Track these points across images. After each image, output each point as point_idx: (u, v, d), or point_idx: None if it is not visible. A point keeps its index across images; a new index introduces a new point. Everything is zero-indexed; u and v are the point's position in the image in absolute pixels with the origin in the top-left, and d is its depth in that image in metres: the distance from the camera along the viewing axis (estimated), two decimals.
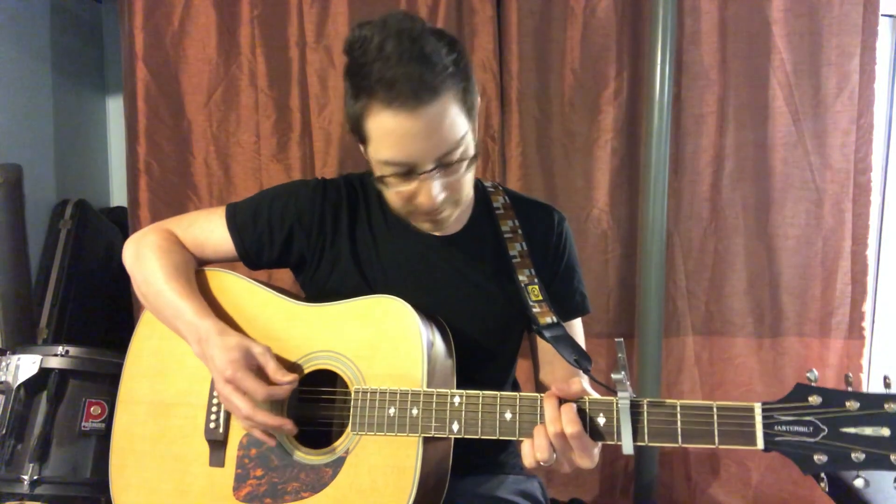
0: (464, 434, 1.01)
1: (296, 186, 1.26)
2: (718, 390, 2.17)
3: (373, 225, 1.23)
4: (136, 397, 1.22)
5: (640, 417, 0.93)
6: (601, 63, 2.12)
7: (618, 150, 2.14)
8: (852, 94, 2.06)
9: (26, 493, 1.53)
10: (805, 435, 0.86)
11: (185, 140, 2.15)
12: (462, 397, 1.01)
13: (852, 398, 0.84)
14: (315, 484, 1.06)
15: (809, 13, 2.06)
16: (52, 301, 2.19)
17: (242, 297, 1.20)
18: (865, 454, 0.83)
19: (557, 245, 1.26)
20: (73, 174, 2.46)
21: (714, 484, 2.17)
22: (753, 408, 0.89)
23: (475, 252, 1.22)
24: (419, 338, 1.05)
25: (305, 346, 1.13)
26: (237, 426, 1.13)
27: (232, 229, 1.22)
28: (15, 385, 1.57)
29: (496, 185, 1.30)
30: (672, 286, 2.15)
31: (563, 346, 1.12)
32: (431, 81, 0.97)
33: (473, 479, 1.21)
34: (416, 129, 0.99)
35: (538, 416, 0.98)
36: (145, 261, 1.19)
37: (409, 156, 1.02)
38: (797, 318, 2.13)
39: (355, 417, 1.06)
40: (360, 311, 1.12)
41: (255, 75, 2.12)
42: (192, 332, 1.12)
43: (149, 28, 2.10)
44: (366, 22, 1.02)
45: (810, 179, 2.10)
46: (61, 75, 2.39)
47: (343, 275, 1.20)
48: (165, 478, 1.16)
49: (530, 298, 1.17)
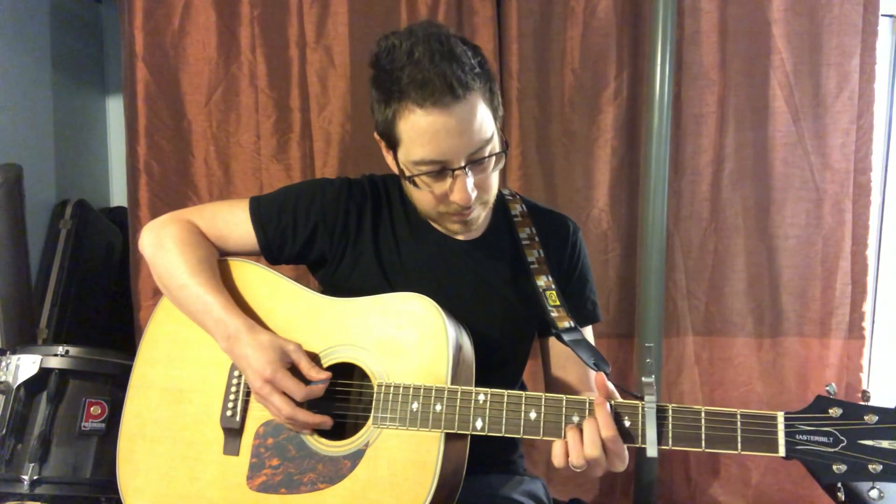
0: (487, 431, 1.01)
1: (321, 184, 1.26)
2: (718, 390, 2.17)
3: (395, 227, 1.24)
4: (149, 382, 1.21)
5: (666, 422, 0.94)
6: (601, 63, 2.12)
7: (618, 150, 2.14)
8: (852, 94, 2.06)
9: (26, 493, 1.53)
10: (825, 445, 0.89)
11: (185, 140, 2.15)
12: (487, 395, 1.02)
13: (871, 412, 0.88)
14: (333, 475, 1.06)
15: (809, 13, 2.06)
16: (52, 301, 2.19)
17: (265, 288, 1.20)
18: (883, 466, 0.86)
19: (572, 254, 1.29)
20: (73, 174, 2.46)
21: (714, 484, 2.17)
22: (776, 416, 0.91)
23: (494, 257, 1.24)
24: (445, 335, 1.06)
25: (328, 338, 1.13)
26: (254, 415, 1.13)
27: (255, 223, 1.23)
28: (15, 385, 1.57)
29: (514, 193, 1.33)
30: (672, 286, 2.15)
31: (582, 349, 1.14)
32: (463, 79, 1.01)
33: (484, 477, 1.22)
34: (450, 126, 1.02)
35: (563, 417, 0.98)
36: (167, 252, 1.19)
37: (443, 153, 1.04)
38: (797, 318, 2.13)
39: (377, 411, 1.06)
40: (385, 306, 1.12)
41: (255, 75, 2.12)
42: (220, 329, 1.12)
43: (149, 28, 2.10)
44: (391, 33, 1.06)
45: (810, 179, 2.10)
46: (61, 75, 2.39)
47: (364, 274, 1.21)
48: (177, 464, 1.15)
49: (549, 303, 1.18)
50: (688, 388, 2.16)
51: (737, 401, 2.14)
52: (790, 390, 2.13)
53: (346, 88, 2.11)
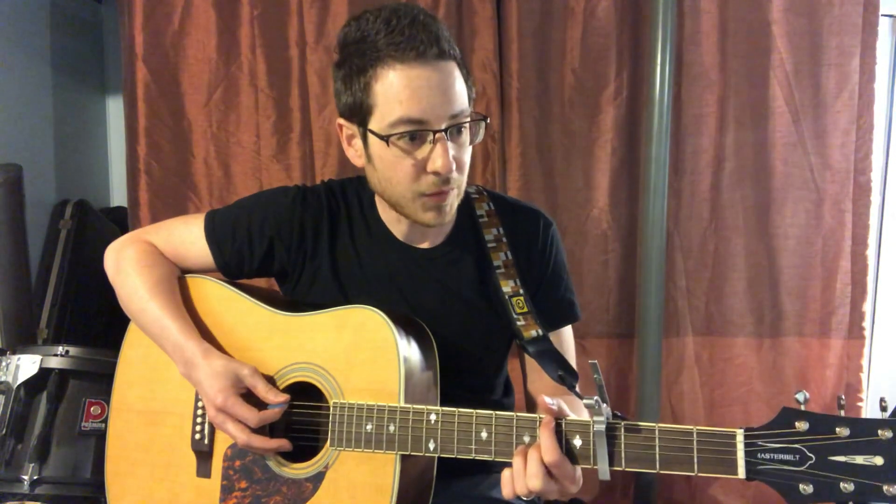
0: (440, 453, 0.98)
1: (275, 196, 1.22)
2: (718, 390, 2.17)
3: (355, 237, 1.20)
4: (127, 405, 1.22)
5: (617, 441, 0.88)
6: (601, 63, 2.12)
7: (618, 150, 2.13)
8: (852, 94, 2.06)
9: (26, 493, 1.53)
10: (790, 464, 0.81)
11: (185, 140, 2.15)
12: (438, 414, 0.98)
13: (843, 424, 0.79)
14: (296, 498, 1.05)
15: (809, 13, 2.06)
16: (52, 301, 2.19)
17: (222, 305, 1.18)
18: (855, 484, 0.77)
19: (542, 251, 1.22)
20: (73, 174, 2.46)
21: (714, 484, 2.17)
22: (735, 434, 0.84)
23: (458, 263, 1.19)
24: (395, 350, 1.02)
25: (284, 357, 1.11)
26: (222, 437, 1.12)
27: (211, 243, 1.20)
28: (15, 385, 1.57)
29: (481, 189, 1.26)
30: (672, 286, 2.15)
31: (546, 361, 1.09)
32: (444, 38, 1.00)
33: (465, 480, 1.20)
34: (432, 81, 0.99)
35: (514, 436, 0.94)
36: (126, 276, 1.18)
37: (423, 111, 0.99)
38: (797, 318, 2.12)
39: (334, 432, 1.04)
40: (336, 321, 1.09)
41: (255, 75, 2.12)
42: (177, 353, 1.11)
43: (149, 28, 2.10)
44: (352, 17, 1.04)
45: (810, 179, 2.10)
46: (61, 75, 2.39)
47: (323, 289, 1.19)
48: (157, 486, 1.16)
49: (514, 311, 1.13)
50: (688, 388, 2.16)
51: (737, 401, 2.14)
52: (790, 390, 2.13)
53: None
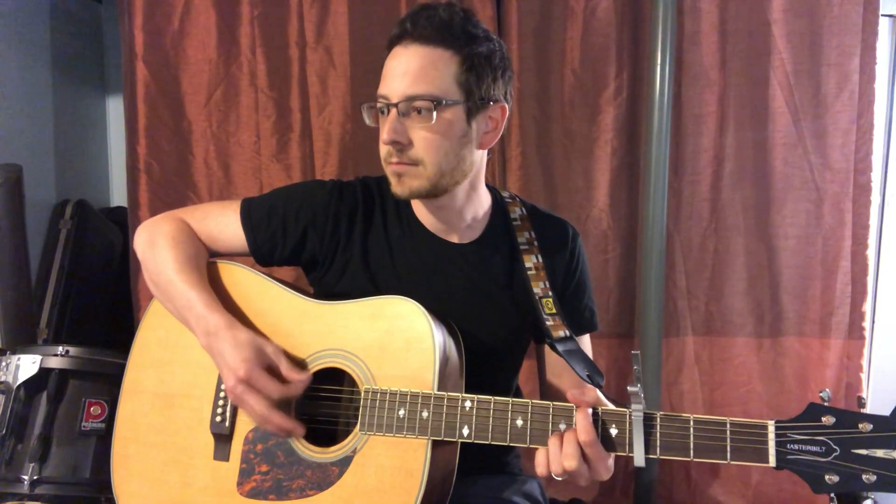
0: (474, 439, 1.00)
1: (312, 187, 1.25)
2: (718, 390, 2.17)
3: (388, 230, 1.22)
4: (141, 387, 1.21)
5: (653, 430, 0.93)
6: (601, 63, 2.12)
7: (618, 150, 2.14)
8: (852, 94, 2.06)
9: (26, 493, 1.53)
10: (817, 455, 0.87)
11: (185, 140, 2.15)
12: (473, 402, 1.01)
13: (865, 420, 0.85)
14: (321, 482, 1.06)
15: (809, 13, 2.06)
16: (52, 301, 2.20)
17: (253, 291, 1.19)
18: (877, 476, 0.84)
19: (571, 261, 1.26)
20: (73, 174, 2.46)
21: (714, 484, 2.17)
22: (767, 425, 0.89)
23: (490, 262, 1.22)
24: (431, 340, 1.04)
25: (315, 343, 1.12)
26: (243, 420, 1.13)
27: (246, 226, 1.22)
28: (15, 385, 1.57)
29: (514, 196, 1.30)
30: (672, 286, 2.15)
31: (575, 360, 1.13)
32: (437, 28, 1.05)
33: (478, 478, 1.21)
34: (402, 63, 1.07)
35: (549, 424, 0.98)
36: (158, 249, 1.19)
37: (387, 86, 1.08)
38: (797, 318, 2.13)
39: (364, 417, 1.05)
40: (371, 310, 1.10)
41: (255, 75, 2.12)
42: (200, 325, 1.11)
43: (149, 28, 2.11)
44: None
45: (810, 179, 2.10)
46: (61, 75, 2.39)
47: (353, 279, 1.20)
48: (169, 469, 1.15)
49: (544, 311, 1.16)
50: (688, 388, 2.16)
51: (737, 401, 2.14)
52: (790, 390, 2.13)
53: (346, 88, 2.11)
